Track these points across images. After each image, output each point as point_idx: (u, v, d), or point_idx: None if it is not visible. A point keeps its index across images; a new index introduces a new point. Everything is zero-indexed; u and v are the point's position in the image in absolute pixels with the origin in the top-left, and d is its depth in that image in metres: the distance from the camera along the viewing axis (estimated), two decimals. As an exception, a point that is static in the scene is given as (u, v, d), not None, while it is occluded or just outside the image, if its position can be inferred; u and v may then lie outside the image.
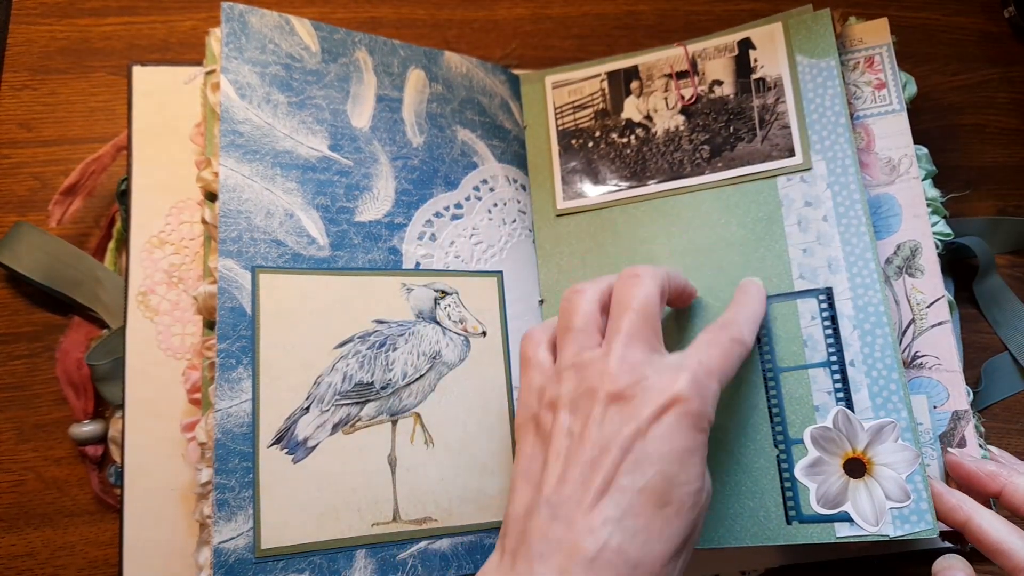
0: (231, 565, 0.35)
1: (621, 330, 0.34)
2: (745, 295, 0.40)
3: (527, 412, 0.35)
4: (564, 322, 0.36)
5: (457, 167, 0.45)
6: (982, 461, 0.38)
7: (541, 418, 0.34)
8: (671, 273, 0.38)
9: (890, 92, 0.44)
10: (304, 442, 0.38)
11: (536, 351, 0.37)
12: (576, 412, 0.33)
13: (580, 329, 0.35)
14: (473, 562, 0.39)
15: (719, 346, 0.35)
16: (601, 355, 0.34)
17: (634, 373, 0.33)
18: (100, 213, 0.46)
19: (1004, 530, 0.35)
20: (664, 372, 0.33)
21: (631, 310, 0.35)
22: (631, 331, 0.34)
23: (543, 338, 0.37)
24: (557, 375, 0.35)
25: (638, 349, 0.34)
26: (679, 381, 0.33)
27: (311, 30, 0.43)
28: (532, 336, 0.38)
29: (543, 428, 0.34)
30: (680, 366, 0.34)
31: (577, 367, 0.34)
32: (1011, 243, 0.49)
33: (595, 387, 0.33)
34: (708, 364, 0.34)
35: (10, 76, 0.48)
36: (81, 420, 0.43)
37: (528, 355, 0.37)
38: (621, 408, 0.32)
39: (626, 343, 0.34)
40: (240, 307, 0.38)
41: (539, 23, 0.54)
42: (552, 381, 0.35)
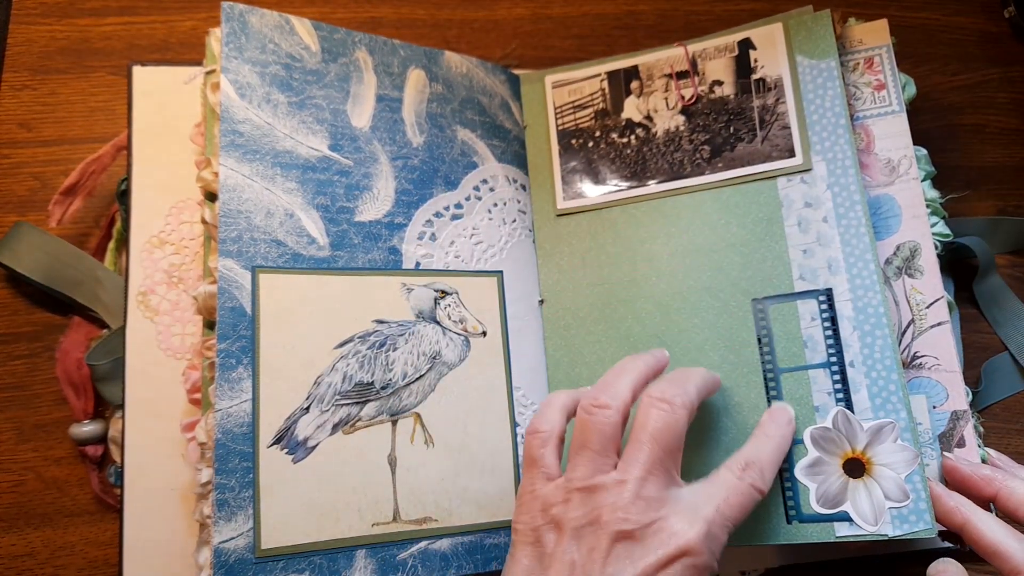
0: (231, 565, 0.35)
1: (640, 461, 0.33)
2: (775, 426, 0.38)
3: (528, 521, 0.34)
4: (582, 438, 0.34)
5: (457, 167, 0.45)
6: (978, 465, 0.38)
7: (543, 535, 0.33)
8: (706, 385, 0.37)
9: (890, 93, 0.44)
10: (304, 442, 0.38)
11: (543, 452, 0.35)
12: (580, 541, 0.32)
13: (597, 452, 0.34)
14: (473, 562, 0.40)
15: (739, 495, 0.34)
16: (615, 484, 0.33)
17: (648, 511, 0.32)
18: (100, 213, 0.46)
19: (1001, 533, 0.35)
20: (680, 515, 0.32)
21: (655, 441, 0.33)
22: (651, 463, 0.33)
23: (551, 433, 0.36)
24: (566, 494, 0.34)
25: (654, 484, 0.33)
26: (692, 531, 0.32)
27: (311, 30, 0.43)
28: (539, 431, 0.36)
29: (543, 546, 0.33)
30: (696, 513, 0.33)
31: (588, 492, 0.33)
32: (1011, 243, 0.49)
33: (604, 520, 0.32)
34: (725, 514, 0.33)
35: (10, 76, 0.48)
36: (81, 420, 0.43)
37: (534, 455, 0.36)
38: (628, 548, 0.32)
39: (643, 476, 0.33)
40: (240, 307, 0.38)
41: (539, 23, 0.54)
42: (559, 499, 0.34)
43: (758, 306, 0.41)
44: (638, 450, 0.33)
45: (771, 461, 0.36)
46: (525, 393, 0.43)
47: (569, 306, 0.45)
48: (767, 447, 0.37)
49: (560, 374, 0.44)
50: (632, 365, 0.37)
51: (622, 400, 0.35)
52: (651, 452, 0.33)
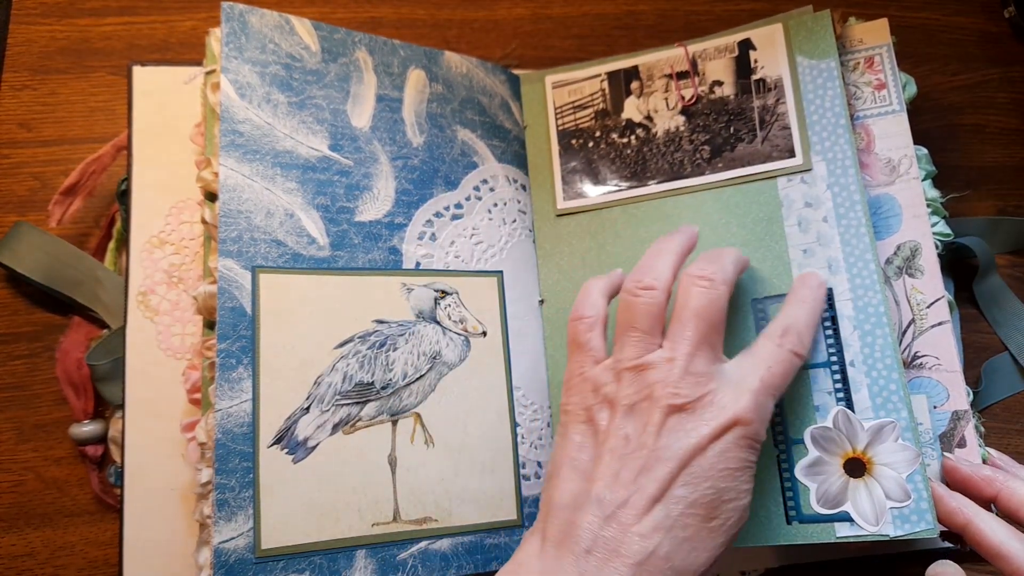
0: (231, 565, 0.35)
1: (687, 338, 0.34)
2: (807, 290, 0.39)
3: (579, 402, 0.35)
4: (627, 319, 0.35)
5: (457, 167, 0.45)
6: (978, 466, 0.38)
7: (595, 413, 0.35)
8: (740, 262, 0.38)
9: (890, 92, 0.44)
10: (304, 442, 0.38)
11: (588, 336, 0.37)
12: (634, 416, 0.33)
13: (645, 331, 0.35)
14: (473, 562, 0.40)
15: (781, 363, 0.35)
16: (664, 362, 0.34)
17: (697, 386, 0.33)
18: (100, 213, 0.46)
19: (1004, 534, 0.35)
20: (727, 388, 0.34)
21: (699, 318, 0.34)
22: (697, 340, 0.34)
23: (596, 318, 0.37)
24: (616, 373, 0.35)
25: (702, 359, 0.34)
26: (741, 402, 0.33)
27: (311, 30, 0.43)
28: (584, 316, 0.37)
29: (596, 423, 0.34)
30: (742, 384, 0.34)
31: (638, 370, 0.34)
32: (1011, 243, 0.49)
33: (656, 395, 0.33)
34: (769, 383, 0.34)
35: (10, 76, 0.48)
36: (81, 420, 0.43)
37: (580, 340, 0.37)
38: (682, 420, 0.33)
39: (691, 352, 0.34)
40: (240, 307, 0.38)
41: (539, 23, 0.54)
42: (610, 378, 0.35)
43: (758, 306, 0.41)
44: (684, 328, 0.34)
45: (808, 324, 0.37)
46: (525, 393, 0.43)
47: (569, 306, 0.44)
48: (802, 311, 0.38)
49: (560, 374, 0.44)
50: (668, 245, 0.37)
51: (665, 280, 0.36)
52: (696, 329, 0.34)
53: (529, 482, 0.42)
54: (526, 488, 0.42)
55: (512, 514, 0.41)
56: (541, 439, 0.43)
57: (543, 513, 0.34)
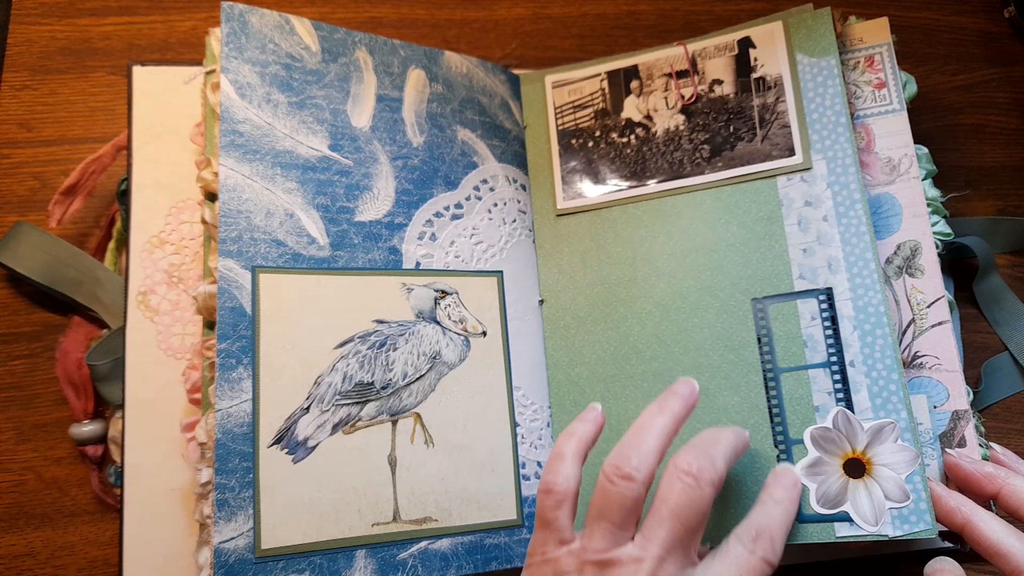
0: (231, 565, 0.35)
1: (660, 539, 0.32)
2: (782, 491, 0.37)
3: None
4: (601, 506, 0.33)
5: (457, 167, 0.45)
6: (980, 462, 0.38)
7: None
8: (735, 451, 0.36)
9: (890, 92, 0.44)
10: (304, 442, 0.38)
11: (557, 514, 0.34)
12: None
13: (616, 524, 0.33)
14: (473, 562, 0.39)
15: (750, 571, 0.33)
16: (632, 561, 0.32)
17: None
18: (100, 213, 0.46)
19: (1003, 532, 0.35)
20: None
21: (677, 519, 0.32)
22: (670, 542, 0.32)
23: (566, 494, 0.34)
24: (580, 564, 0.33)
25: (672, 564, 0.32)
26: None
27: (311, 30, 0.43)
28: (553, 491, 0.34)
29: None
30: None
31: (603, 567, 0.32)
32: (1011, 243, 0.49)
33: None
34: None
35: (10, 76, 0.48)
36: (81, 420, 0.43)
37: (546, 516, 0.34)
38: None
39: (661, 556, 0.32)
40: (240, 307, 0.38)
41: (539, 23, 0.54)
42: (572, 566, 0.33)
43: (758, 306, 0.41)
44: (659, 526, 0.32)
45: (781, 528, 0.35)
46: (525, 393, 0.43)
47: (569, 306, 0.44)
48: (776, 513, 0.35)
49: (560, 374, 0.44)
50: (658, 423, 0.35)
51: (647, 469, 0.33)
52: (672, 530, 0.32)
53: (529, 482, 0.42)
54: (526, 488, 0.42)
55: (512, 514, 0.41)
56: (541, 439, 0.43)
57: None
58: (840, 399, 0.39)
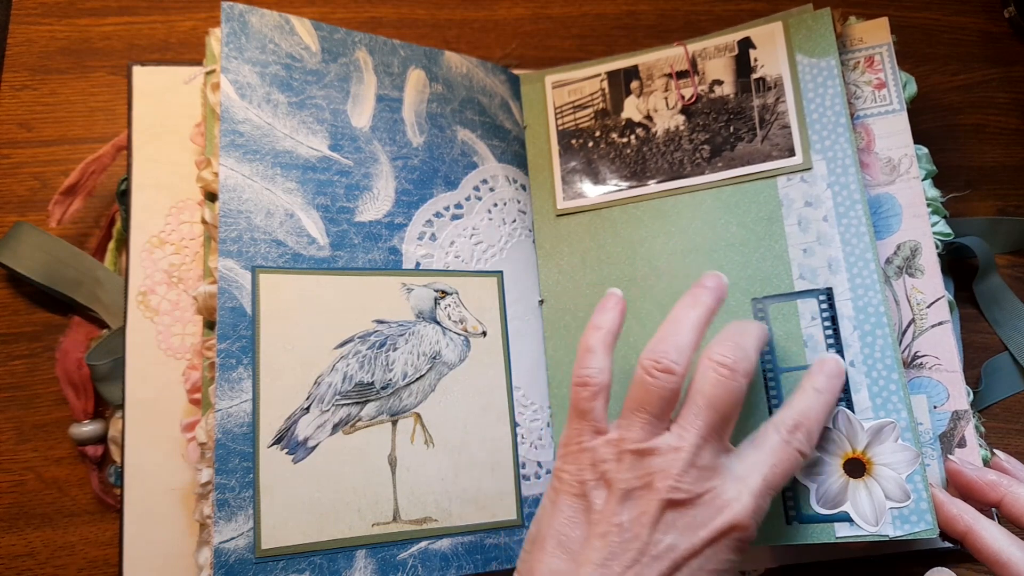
0: (231, 565, 0.35)
1: (697, 428, 0.33)
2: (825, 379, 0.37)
3: (575, 472, 0.34)
4: (639, 398, 0.34)
5: (457, 167, 0.45)
6: (983, 470, 0.38)
7: (590, 490, 0.33)
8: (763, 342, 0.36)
9: (890, 92, 0.44)
10: (304, 442, 0.38)
11: (593, 404, 0.35)
12: (630, 503, 0.32)
13: (655, 415, 0.33)
14: (473, 562, 0.39)
15: (785, 462, 0.34)
16: (670, 450, 0.33)
17: (700, 481, 0.32)
18: (100, 213, 0.46)
19: (1005, 541, 0.34)
20: (728, 486, 0.33)
21: (713, 408, 0.33)
22: (707, 431, 0.33)
23: (601, 385, 0.35)
24: (618, 453, 0.33)
25: (709, 451, 0.33)
26: (740, 504, 0.32)
27: (311, 30, 0.43)
28: (589, 383, 0.35)
29: (590, 502, 0.33)
30: (744, 484, 0.33)
31: (641, 455, 0.33)
32: (1011, 243, 0.49)
33: (656, 486, 0.32)
34: (772, 483, 0.33)
35: (10, 76, 0.48)
36: (81, 420, 0.43)
37: (583, 408, 0.35)
38: (679, 517, 0.32)
39: (698, 444, 0.33)
40: (240, 307, 0.38)
41: (539, 23, 0.54)
42: (611, 455, 0.33)
43: (758, 305, 0.41)
44: (696, 416, 0.33)
45: (820, 420, 0.36)
46: (525, 393, 0.43)
47: (569, 306, 0.44)
48: (817, 404, 0.36)
49: (560, 374, 0.44)
50: (692, 316, 0.35)
51: (684, 361, 0.34)
52: (708, 419, 0.33)
53: (529, 482, 0.42)
54: (526, 488, 0.42)
55: (512, 514, 0.41)
56: (541, 439, 0.43)
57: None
58: (840, 399, 0.39)
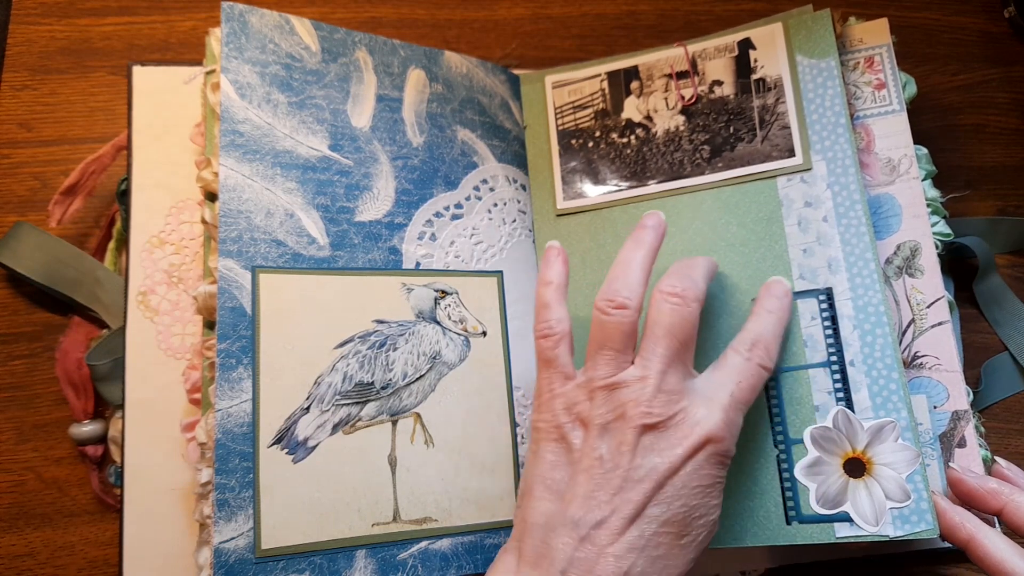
0: (231, 565, 0.35)
1: (659, 355, 0.34)
2: (774, 300, 0.39)
3: (550, 419, 0.35)
4: (600, 337, 0.35)
5: (457, 167, 0.45)
6: (984, 478, 0.38)
7: (567, 431, 0.35)
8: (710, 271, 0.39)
9: (890, 92, 0.44)
10: (304, 442, 0.38)
11: (557, 352, 0.36)
12: (608, 436, 0.34)
13: (618, 350, 0.35)
14: (473, 562, 0.39)
15: (749, 377, 0.36)
16: (637, 380, 0.34)
17: (669, 404, 0.34)
18: (100, 213, 0.46)
19: (1008, 551, 0.34)
20: (698, 405, 0.34)
21: (671, 335, 0.35)
22: (669, 357, 0.34)
23: (563, 333, 0.36)
24: (589, 392, 0.35)
25: (674, 376, 0.34)
26: (712, 418, 0.34)
27: (311, 30, 0.43)
28: (551, 333, 0.36)
29: (570, 442, 0.34)
30: (713, 400, 0.34)
31: (611, 389, 0.34)
32: (1011, 243, 0.49)
33: (629, 414, 0.33)
34: (739, 398, 0.35)
35: (10, 76, 0.48)
36: (81, 420, 0.43)
37: (547, 355, 0.36)
38: (655, 439, 0.33)
39: (663, 370, 0.34)
40: (240, 307, 0.38)
41: (539, 23, 0.54)
42: (582, 396, 0.35)
43: (758, 306, 0.41)
44: (656, 344, 0.35)
45: (775, 336, 0.38)
46: (525, 393, 0.43)
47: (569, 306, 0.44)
48: (769, 322, 0.38)
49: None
50: (637, 255, 0.37)
51: (637, 297, 0.35)
52: (668, 346, 0.34)
53: (529, 482, 0.42)
54: (526, 488, 0.42)
55: (512, 514, 0.41)
56: (541, 439, 0.43)
57: (518, 531, 0.34)
58: (840, 399, 0.39)
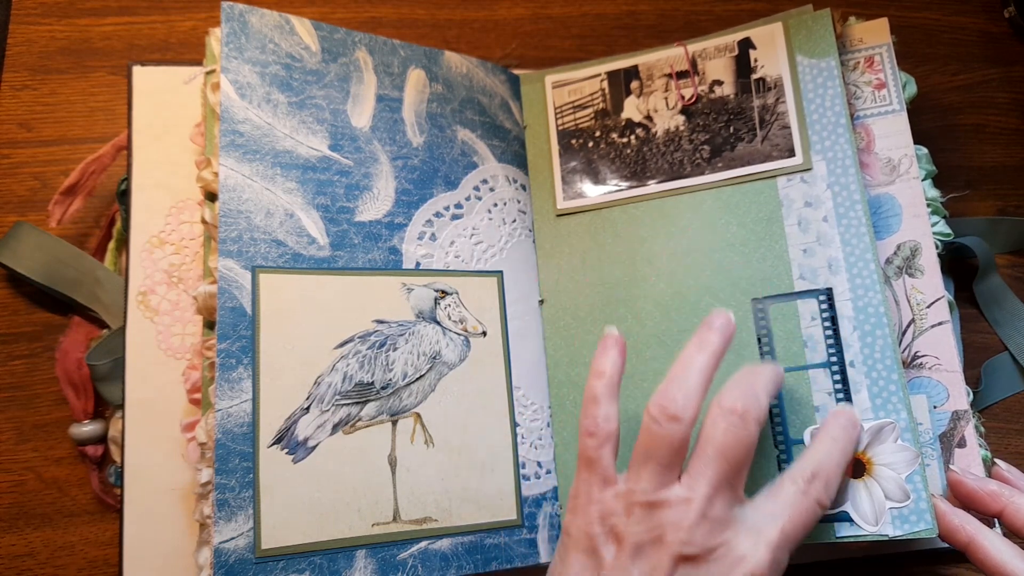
0: (231, 565, 0.35)
1: (708, 478, 0.32)
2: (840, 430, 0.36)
3: (583, 526, 0.33)
4: (647, 448, 0.33)
5: (457, 167, 0.45)
6: (984, 480, 0.38)
7: (599, 545, 0.32)
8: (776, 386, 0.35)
9: (890, 92, 0.44)
10: (304, 442, 0.38)
11: (601, 453, 0.34)
12: (641, 559, 0.31)
13: (664, 465, 0.32)
14: (473, 562, 0.40)
15: (803, 513, 0.33)
16: (681, 502, 0.32)
17: (712, 535, 0.31)
18: (100, 213, 0.46)
19: (1008, 553, 0.34)
20: (744, 537, 0.31)
21: (723, 459, 0.32)
22: (719, 481, 0.32)
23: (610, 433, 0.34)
24: (627, 506, 0.32)
25: (721, 502, 0.32)
26: (757, 557, 0.31)
27: (311, 30, 0.43)
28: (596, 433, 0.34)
29: (600, 557, 0.32)
30: (760, 536, 0.32)
31: (651, 508, 0.32)
32: (1011, 243, 0.49)
33: (668, 540, 0.31)
34: (790, 535, 0.32)
35: (10, 76, 0.48)
36: (81, 420, 0.43)
37: (591, 456, 0.34)
38: (692, 571, 0.31)
39: (710, 496, 0.32)
40: (240, 307, 0.38)
41: (539, 23, 0.54)
42: (620, 508, 0.33)
43: (758, 306, 0.41)
44: (706, 466, 0.32)
45: (837, 470, 0.35)
46: (525, 393, 0.43)
47: (569, 306, 0.45)
48: (834, 453, 0.35)
49: (560, 374, 0.44)
50: (701, 359, 0.34)
51: (693, 408, 0.33)
52: (719, 469, 0.32)
53: (529, 482, 0.42)
54: (526, 488, 0.42)
55: (512, 514, 0.41)
56: (541, 439, 0.43)
57: None
58: (840, 399, 0.39)
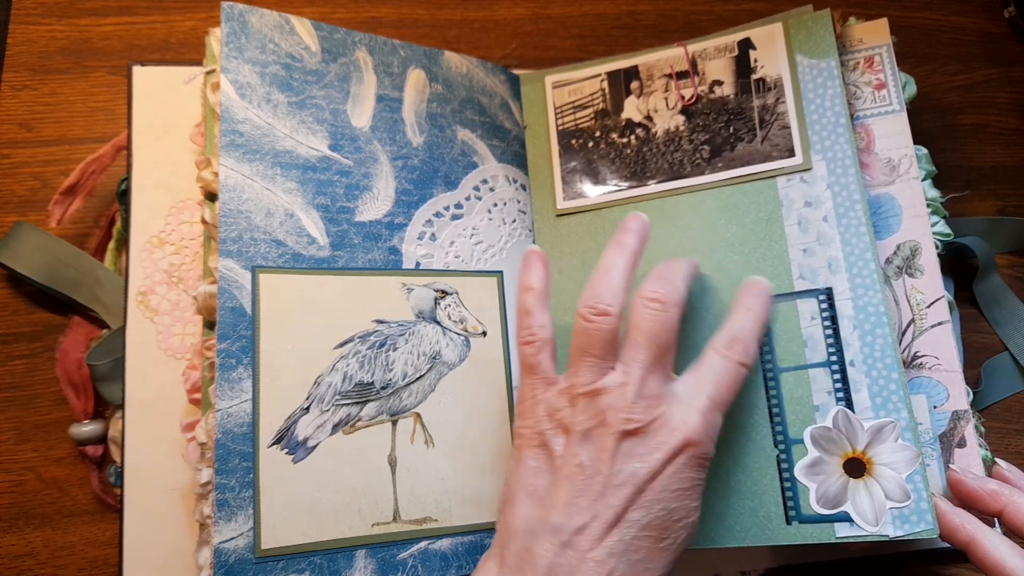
0: (231, 565, 0.35)
1: (640, 361, 0.35)
2: (752, 298, 0.39)
3: (532, 426, 0.36)
4: (582, 344, 0.36)
5: (457, 167, 0.45)
6: (984, 480, 0.38)
7: (549, 439, 0.35)
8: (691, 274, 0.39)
9: (890, 92, 0.44)
10: (304, 442, 0.38)
11: (540, 358, 0.37)
12: (589, 442, 0.34)
13: (599, 357, 0.35)
14: (473, 562, 0.39)
15: (728, 376, 0.36)
16: (618, 387, 0.34)
17: (649, 409, 0.34)
18: (100, 213, 0.46)
19: (1008, 552, 0.34)
20: (677, 409, 0.34)
21: (651, 342, 0.35)
22: (649, 363, 0.35)
23: (545, 339, 0.37)
24: (571, 399, 0.35)
25: (654, 381, 0.35)
26: (690, 422, 0.34)
27: (311, 30, 0.43)
28: (533, 339, 0.37)
29: (551, 449, 0.35)
30: (692, 403, 0.35)
31: (592, 396, 0.34)
32: (1011, 243, 0.49)
33: (610, 421, 0.34)
34: (717, 398, 0.35)
35: (10, 76, 0.48)
36: (81, 420, 0.43)
37: (530, 362, 0.37)
38: (635, 445, 0.33)
39: (643, 377, 0.34)
40: (240, 307, 0.38)
41: (539, 23, 0.54)
42: (564, 403, 0.35)
43: (758, 306, 0.41)
44: (636, 351, 0.35)
45: (754, 333, 0.38)
46: (525, 393, 0.43)
47: (569, 306, 0.44)
48: (748, 319, 0.38)
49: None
50: (619, 260, 0.37)
51: (618, 303, 0.36)
52: (648, 352, 0.35)
53: (529, 482, 0.42)
54: (526, 488, 0.42)
55: (512, 514, 0.41)
56: (541, 439, 0.43)
57: (500, 538, 0.34)
58: (840, 399, 0.39)
